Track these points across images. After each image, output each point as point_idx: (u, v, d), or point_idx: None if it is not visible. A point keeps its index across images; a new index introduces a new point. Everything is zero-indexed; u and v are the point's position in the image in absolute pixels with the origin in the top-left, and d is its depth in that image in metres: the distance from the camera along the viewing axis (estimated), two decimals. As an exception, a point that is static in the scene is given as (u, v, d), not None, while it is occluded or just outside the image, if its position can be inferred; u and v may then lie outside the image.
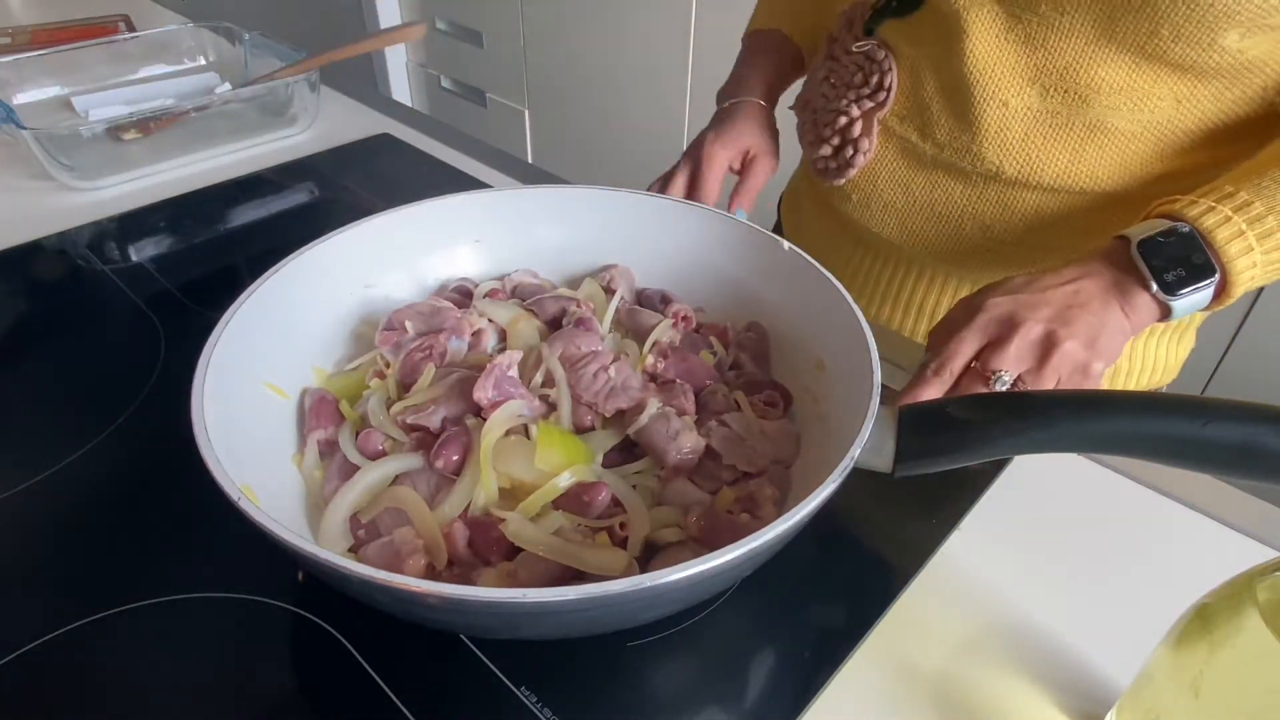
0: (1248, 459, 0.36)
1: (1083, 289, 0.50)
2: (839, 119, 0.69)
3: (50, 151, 0.79)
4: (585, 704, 0.39)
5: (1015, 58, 0.59)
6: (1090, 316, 0.49)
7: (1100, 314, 0.49)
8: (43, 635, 0.41)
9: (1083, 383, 0.49)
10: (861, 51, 0.68)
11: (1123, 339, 0.51)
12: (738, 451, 0.45)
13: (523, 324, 0.52)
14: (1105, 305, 0.50)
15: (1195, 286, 0.49)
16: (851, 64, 0.69)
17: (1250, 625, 0.30)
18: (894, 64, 0.66)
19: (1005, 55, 0.59)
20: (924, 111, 0.65)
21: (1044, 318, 0.48)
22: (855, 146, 0.68)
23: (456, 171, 0.88)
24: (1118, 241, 0.52)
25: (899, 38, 0.66)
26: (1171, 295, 0.49)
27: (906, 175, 0.67)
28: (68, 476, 0.51)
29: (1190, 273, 0.49)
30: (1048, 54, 0.58)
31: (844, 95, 0.69)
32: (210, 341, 0.42)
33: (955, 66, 0.61)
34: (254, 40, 1.01)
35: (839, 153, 0.69)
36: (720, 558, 0.32)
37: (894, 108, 0.66)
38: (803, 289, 0.51)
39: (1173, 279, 0.49)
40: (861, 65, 0.67)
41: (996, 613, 0.45)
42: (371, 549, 0.40)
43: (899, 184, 0.68)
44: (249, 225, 0.80)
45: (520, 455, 0.42)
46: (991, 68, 0.60)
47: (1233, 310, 1.29)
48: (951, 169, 0.65)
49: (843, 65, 0.70)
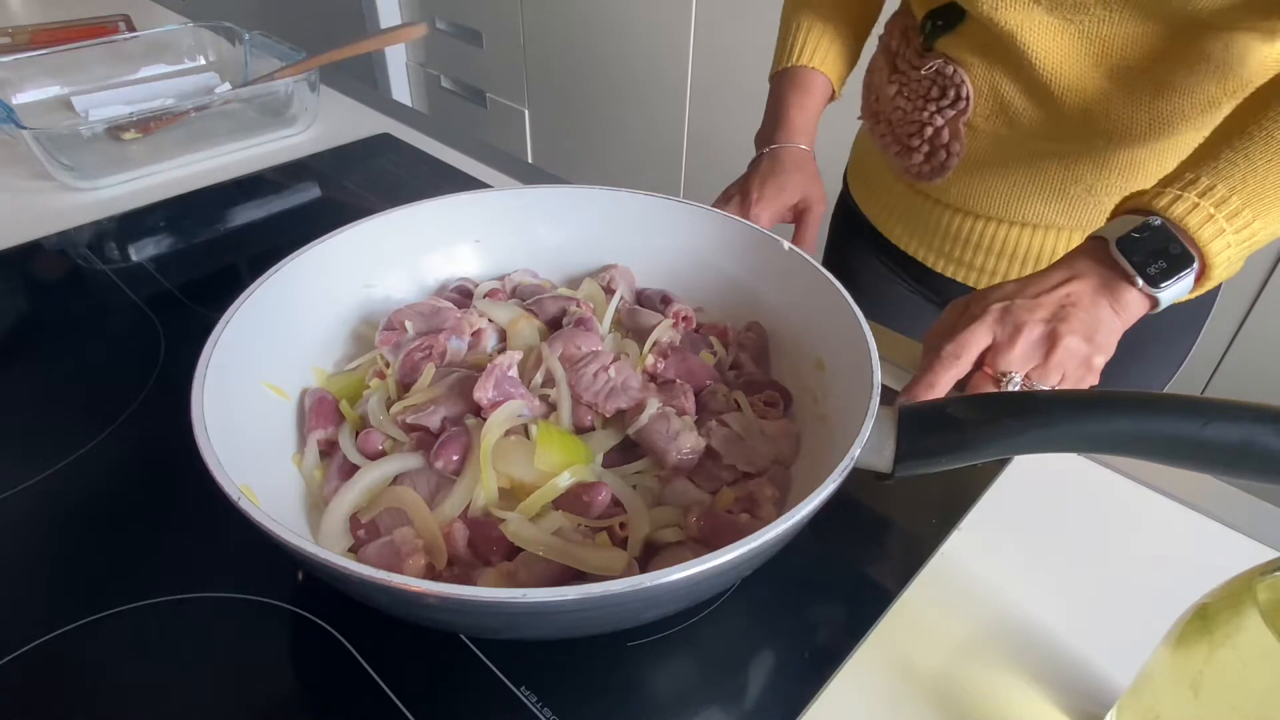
0: (1248, 459, 0.36)
1: (1073, 291, 0.52)
2: (925, 129, 0.71)
3: (50, 151, 0.79)
4: (585, 704, 0.39)
5: (1077, 54, 0.63)
6: (1084, 314, 0.50)
7: (1092, 311, 0.51)
8: (42, 635, 0.41)
9: (1085, 376, 0.50)
10: (931, 69, 0.70)
11: (1116, 334, 0.52)
12: (738, 451, 0.45)
13: (523, 324, 0.52)
14: (1095, 304, 0.51)
15: (1177, 276, 0.51)
16: (924, 80, 0.71)
17: (1250, 625, 0.30)
18: (965, 76, 0.68)
19: (1067, 54, 0.63)
20: (1007, 109, 0.68)
21: (1042, 318, 0.50)
22: (947, 150, 0.71)
23: (456, 171, 0.88)
24: (1095, 242, 0.54)
25: (962, 50, 0.68)
26: (1156, 287, 0.51)
27: (1002, 160, 0.71)
28: (67, 476, 0.51)
29: (1170, 264, 0.51)
30: (1104, 45, 0.62)
31: (923, 109, 0.71)
32: (210, 341, 0.42)
33: (1025, 71, 0.65)
34: (254, 40, 1.01)
35: (931, 158, 0.72)
36: (720, 558, 0.32)
37: (976, 109, 0.69)
38: (803, 289, 0.51)
39: (1155, 272, 0.51)
40: (935, 80, 0.70)
41: (996, 613, 0.45)
42: (371, 549, 0.40)
43: (997, 170, 0.71)
44: (249, 225, 0.80)
45: (520, 455, 0.42)
46: (1058, 66, 0.63)
47: (1234, 306, 1.29)
48: (1046, 146, 0.68)
49: (913, 81, 0.72)
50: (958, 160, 0.71)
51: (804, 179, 0.73)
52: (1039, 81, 0.64)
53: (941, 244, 0.78)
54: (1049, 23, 0.62)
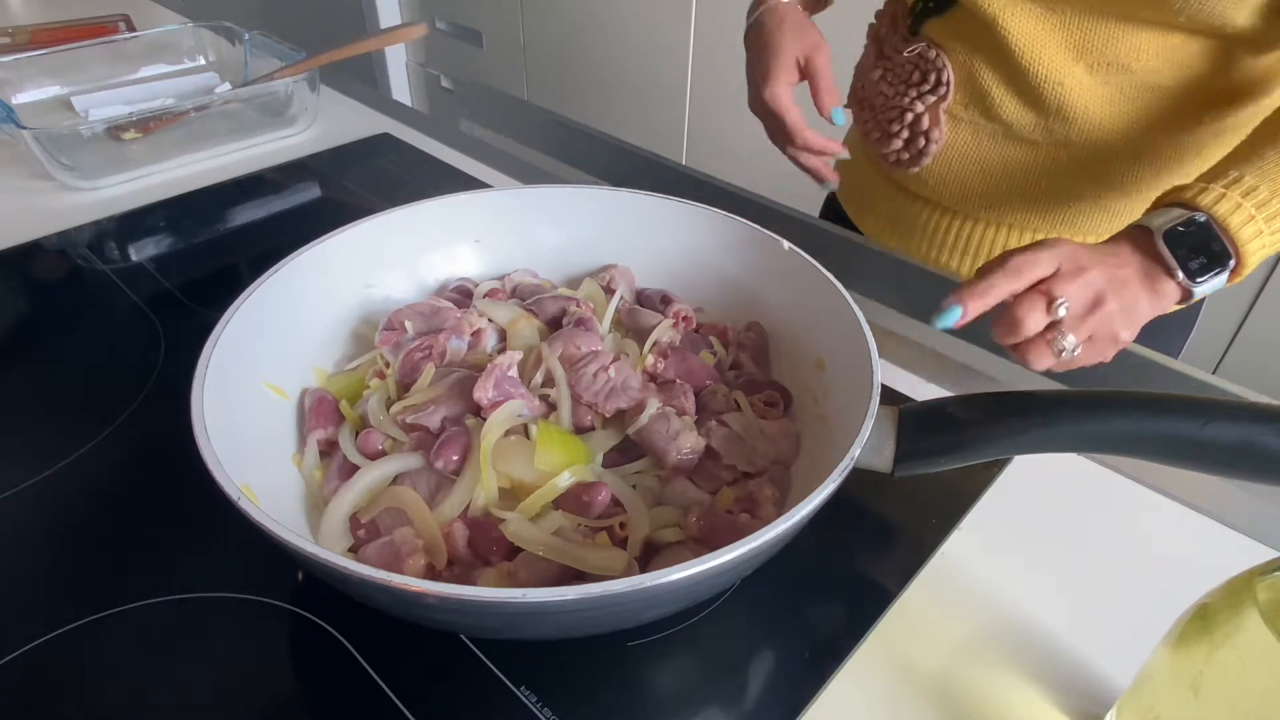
0: (1248, 459, 0.36)
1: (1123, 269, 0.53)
2: (905, 115, 0.71)
3: (50, 151, 0.79)
4: (585, 704, 0.39)
5: (1057, 43, 0.63)
6: (1131, 293, 0.52)
7: (1138, 294, 0.52)
8: (43, 635, 0.41)
9: (1108, 349, 0.52)
10: (914, 52, 0.70)
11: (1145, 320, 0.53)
12: (738, 451, 0.45)
13: (523, 324, 0.52)
14: (1139, 288, 0.52)
15: (1215, 272, 0.52)
16: (907, 64, 0.71)
17: (1250, 625, 0.30)
18: (947, 60, 0.68)
19: (1048, 43, 0.63)
20: (985, 98, 0.68)
21: (1101, 277, 0.51)
22: (926, 137, 0.71)
23: (456, 171, 0.88)
24: (1138, 231, 0.54)
25: (946, 35, 0.68)
26: (1195, 282, 0.52)
27: (979, 154, 0.71)
28: (68, 476, 0.51)
29: (1211, 259, 0.52)
30: (1085, 35, 0.62)
31: (904, 93, 0.71)
32: (210, 341, 0.42)
33: (1005, 58, 0.65)
34: (254, 40, 1.01)
35: (910, 144, 0.73)
36: (720, 558, 0.32)
37: (956, 97, 0.69)
38: (803, 289, 0.51)
39: (1196, 266, 0.52)
40: (917, 64, 0.70)
41: (996, 613, 0.45)
42: (371, 549, 0.40)
43: (973, 162, 0.71)
44: (249, 225, 0.80)
45: (520, 455, 0.42)
46: (1038, 55, 0.63)
47: (1234, 306, 1.29)
48: (1023, 142, 0.69)
49: (897, 65, 0.72)
50: (936, 148, 0.71)
51: (792, 33, 0.70)
52: (1018, 70, 0.64)
53: (919, 243, 0.79)
54: (1031, 10, 0.62)
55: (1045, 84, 0.64)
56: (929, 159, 0.72)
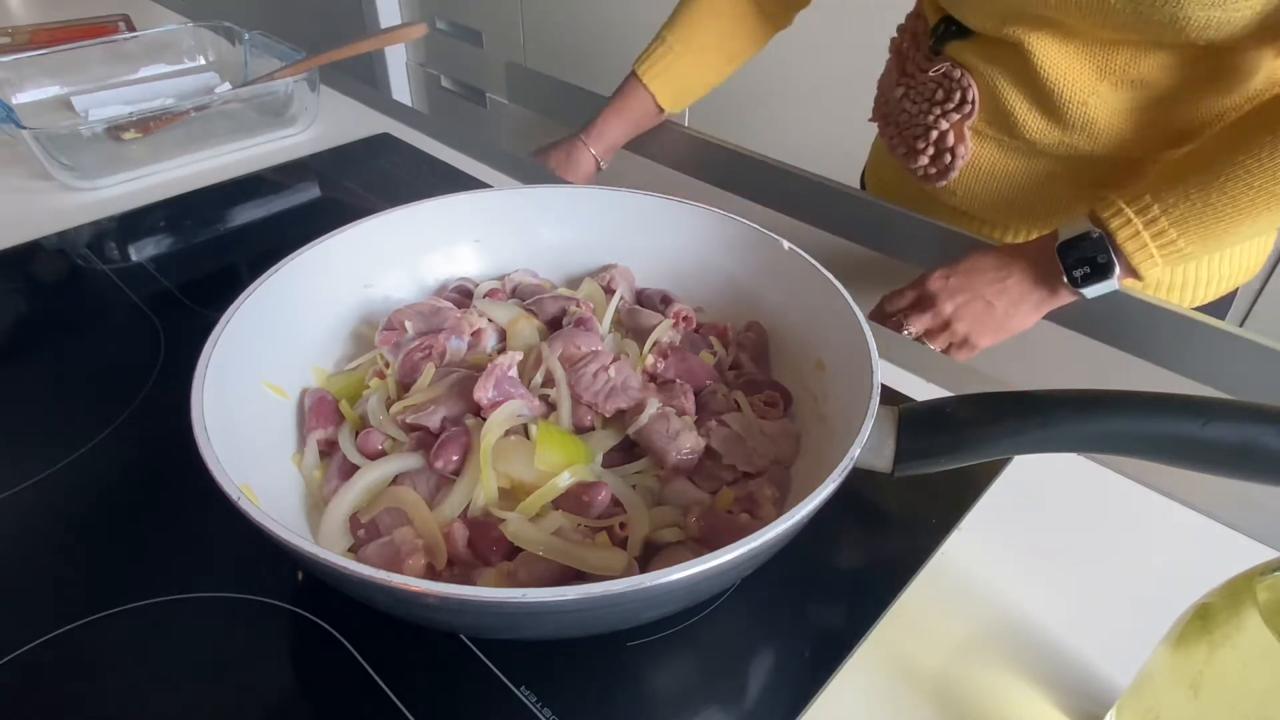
0: (1248, 459, 0.36)
1: (1009, 279, 0.64)
2: (930, 132, 0.73)
3: (50, 151, 0.79)
4: (585, 704, 0.39)
5: (1081, 65, 0.65)
6: (992, 309, 0.64)
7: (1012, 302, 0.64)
8: (43, 635, 0.41)
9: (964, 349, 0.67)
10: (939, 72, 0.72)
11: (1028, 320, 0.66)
12: (738, 451, 0.45)
13: (523, 324, 0.52)
14: (1023, 294, 0.63)
15: (1100, 282, 0.60)
16: (930, 83, 0.73)
17: (1250, 625, 0.30)
18: (971, 80, 0.70)
19: (1071, 65, 0.65)
20: (1009, 116, 0.69)
21: (952, 305, 0.65)
22: (952, 153, 0.73)
23: (456, 171, 0.88)
24: (1049, 238, 0.63)
25: (969, 55, 0.70)
26: (1079, 287, 0.61)
27: (1004, 167, 0.73)
28: (67, 476, 0.51)
29: (1095, 270, 0.60)
30: (1106, 57, 0.64)
31: (929, 111, 0.73)
32: (210, 341, 0.42)
33: (1030, 79, 0.66)
34: (254, 40, 1.01)
35: (936, 160, 0.74)
36: (720, 558, 0.32)
37: (980, 114, 0.71)
38: (803, 289, 0.51)
39: (1080, 275, 0.61)
40: (941, 83, 0.72)
41: (996, 613, 0.45)
42: (371, 549, 0.40)
43: (999, 177, 0.74)
44: (249, 225, 0.80)
45: (520, 455, 0.42)
46: (1064, 77, 0.65)
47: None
48: (1048, 156, 0.71)
49: (920, 84, 0.74)
50: (963, 163, 0.72)
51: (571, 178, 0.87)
52: (1044, 91, 0.65)
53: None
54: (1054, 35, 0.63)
55: (1070, 104, 0.65)
56: (955, 174, 0.73)
